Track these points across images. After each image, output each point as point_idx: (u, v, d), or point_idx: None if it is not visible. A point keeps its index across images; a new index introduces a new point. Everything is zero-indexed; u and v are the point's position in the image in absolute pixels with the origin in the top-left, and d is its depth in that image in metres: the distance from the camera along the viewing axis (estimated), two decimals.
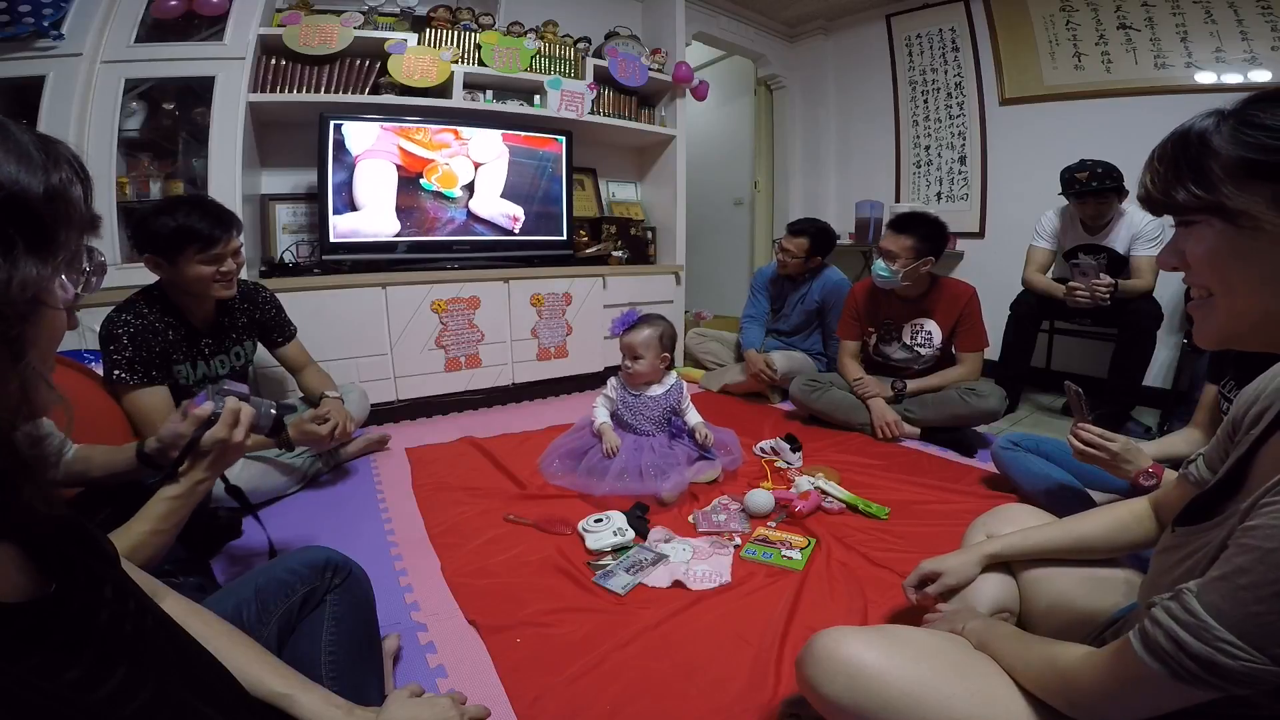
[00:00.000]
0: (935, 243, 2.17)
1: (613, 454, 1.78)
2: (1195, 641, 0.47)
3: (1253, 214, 0.47)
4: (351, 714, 0.65)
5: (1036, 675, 0.65)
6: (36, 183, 0.33)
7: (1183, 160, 0.51)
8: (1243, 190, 0.47)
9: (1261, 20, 2.48)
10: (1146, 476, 1.19)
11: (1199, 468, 0.74)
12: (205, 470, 0.88)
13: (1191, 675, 0.48)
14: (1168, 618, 0.50)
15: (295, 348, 1.92)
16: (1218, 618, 0.46)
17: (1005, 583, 0.97)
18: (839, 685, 0.68)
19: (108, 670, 0.39)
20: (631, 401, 1.90)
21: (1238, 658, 0.45)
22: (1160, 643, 0.50)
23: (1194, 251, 0.53)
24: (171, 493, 0.85)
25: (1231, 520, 0.52)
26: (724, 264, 4.78)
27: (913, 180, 3.79)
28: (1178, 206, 0.52)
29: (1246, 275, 0.50)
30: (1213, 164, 0.49)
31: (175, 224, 1.43)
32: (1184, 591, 0.50)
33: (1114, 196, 2.33)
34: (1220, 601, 0.47)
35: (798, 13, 3.98)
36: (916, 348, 2.31)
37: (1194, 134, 0.50)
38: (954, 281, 2.30)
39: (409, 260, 2.57)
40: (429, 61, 2.50)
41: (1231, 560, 0.47)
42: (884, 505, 1.64)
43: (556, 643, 1.11)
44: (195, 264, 1.47)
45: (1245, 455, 0.61)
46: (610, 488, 1.71)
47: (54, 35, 1.93)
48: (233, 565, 1.36)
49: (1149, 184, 0.55)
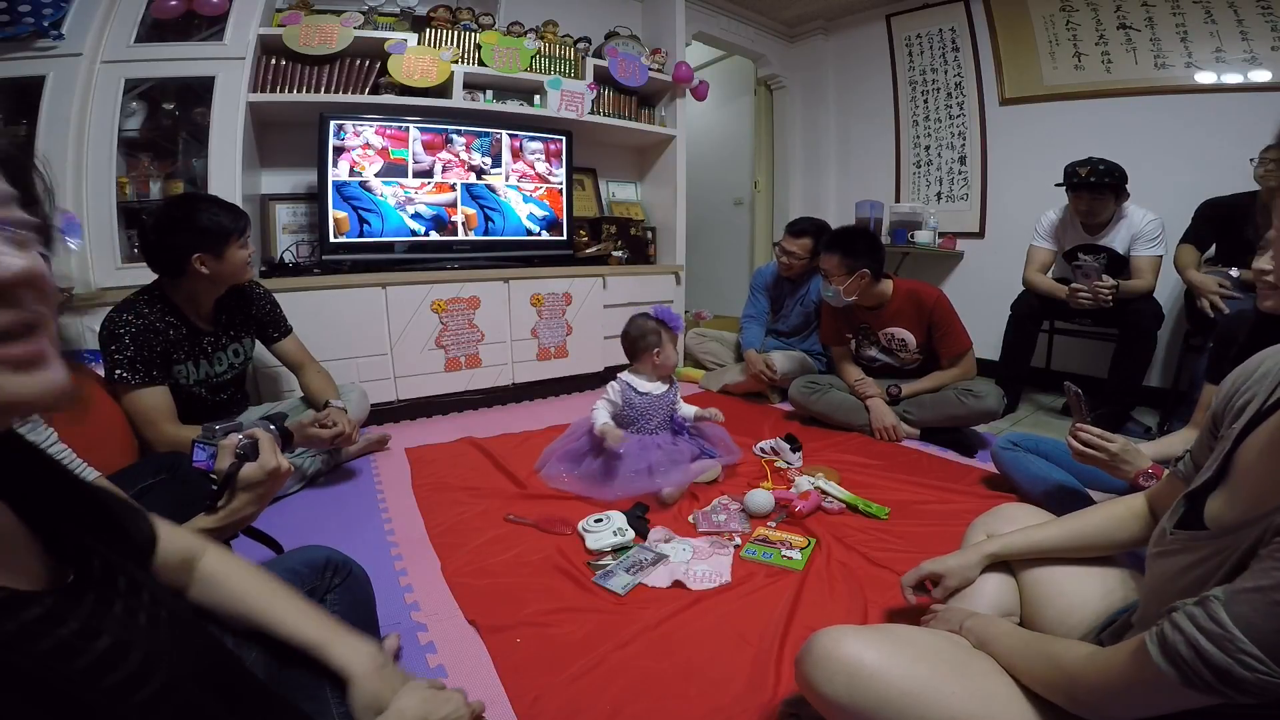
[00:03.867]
0: (866, 256, 2.15)
1: (618, 444, 1.75)
2: (1217, 651, 0.47)
3: None
4: (381, 669, 0.67)
5: (1038, 672, 0.66)
6: None
7: None
8: None
9: (1261, 20, 2.49)
10: (1146, 477, 1.19)
11: (1186, 464, 0.74)
12: (253, 503, 0.84)
13: (1204, 683, 0.47)
14: (1190, 625, 0.49)
15: (293, 343, 1.92)
16: (1246, 630, 0.46)
17: (1005, 582, 0.97)
18: (838, 685, 0.68)
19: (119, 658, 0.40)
20: (638, 401, 1.89)
21: (1256, 670, 0.45)
22: (1179, 649, 0.49)
23: None
24: (204, 524, 0.82)
25: (1252, 530, 0.51)
26: (724, 264, 4.78)
27: (913, 180, 3.79)
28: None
29: None
30: None
31: (216, 221, 1.55)
32: (1211, 600, 0.49)
33: (1110, 195, 2.33)
34: (1251, 614, 0.46)
35: (798, 13, 3.98)
36: (895, 352, 2.31)
37: None
38: (918, 286, 2.24)
39: (409, 260, 2.58)
40: (429, 61, 2.50)
41: (1269, 574, 0.46)
42: (884, 505, 1.64)
43: (556, 643, 1.11)
44: (239, 251, 1.60)
45: (1230, 449, 0.61)
46: (623, 490, 1.70)
47: (54, 35, 1.93)
48: None
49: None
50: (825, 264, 2.20)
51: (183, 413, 1.58)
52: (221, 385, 1.76)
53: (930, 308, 2.18)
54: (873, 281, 2.19)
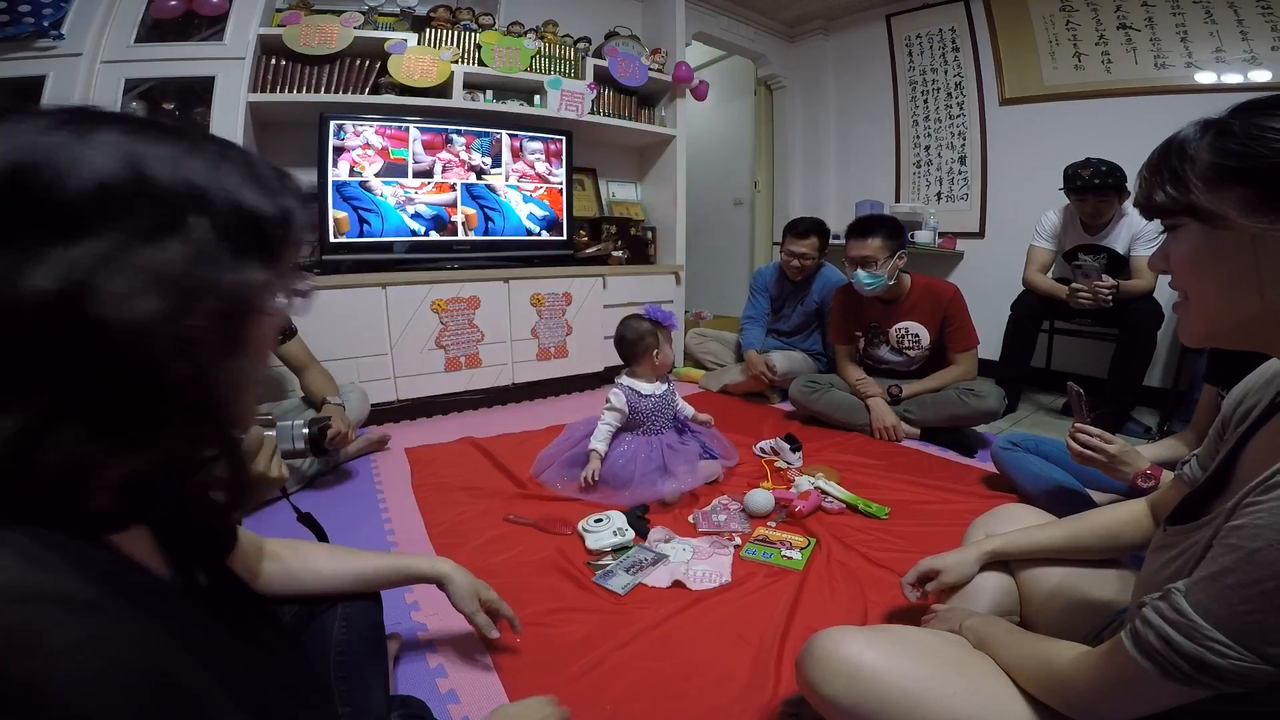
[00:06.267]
0: (900, 237, 2.18)
1: (592, 480, 1.72)
2: (1185, 641, 0.48)
3: (1223, 215, 0.49)
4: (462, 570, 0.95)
5: (1031, 674, 0.66)
6: (270, 206, 0.39)
7: (1164, 166, 0.54)
8: (1213, 193, 0.50)
9: (1261, 20, 2.48)
10: (1144, 478, 1.19)
11: (1192, 468, 0.74)
12: None
13: (1183, 674, 0.48)
14: (1158, 617, 0.50)
15: (297, 345, 1.92)
16: (1206, 617, 0.47)
17: (1004, 582, 0.97)
18: (839, 685, 0.68)
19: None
20: (641, 403, 1.86)
21: (1227, 656, 0.45)
22: (1151, 642, 0.50)
23: (1176, 254, 0.56)
24: None
25: (1218, 519, 0.52)
26: (724, 264, 4.78)
27: (913, 180, 3.79)
28: (1158, 209, 0.55)
29: (1218, 277, 0.52)
30: (1189, 169, 0.51)
31: None
32: (1173, 591, 0.50)
33: (1114, 195, 2.33)
34: (1208, 600, 0.47)
35: (798, 13, 3.98)
36: (905, 350, 2.31)
37: (1176, 142, 0.54)
38: (934, 281, 2.27)
39: (409, 260, 2.57)
40: (429, 61, 2.50)
41: (1217, 560, 0.48)
42: (884, 505, 1.64)
43: (556, 643, 1.11)
44: None
45: (1231, 452, 0.61)
46: (640, 494, 1.68)
47: (54, 35, 1.93)
48: None
49: (1137, 189, 0.58)
50: (864, 250, 2.14)
51: None
52: None
53: (948, 301, 2.20)
54: (903, 272, 2.20)
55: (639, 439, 1.83)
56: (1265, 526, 0.44)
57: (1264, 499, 0.46)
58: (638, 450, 1.78)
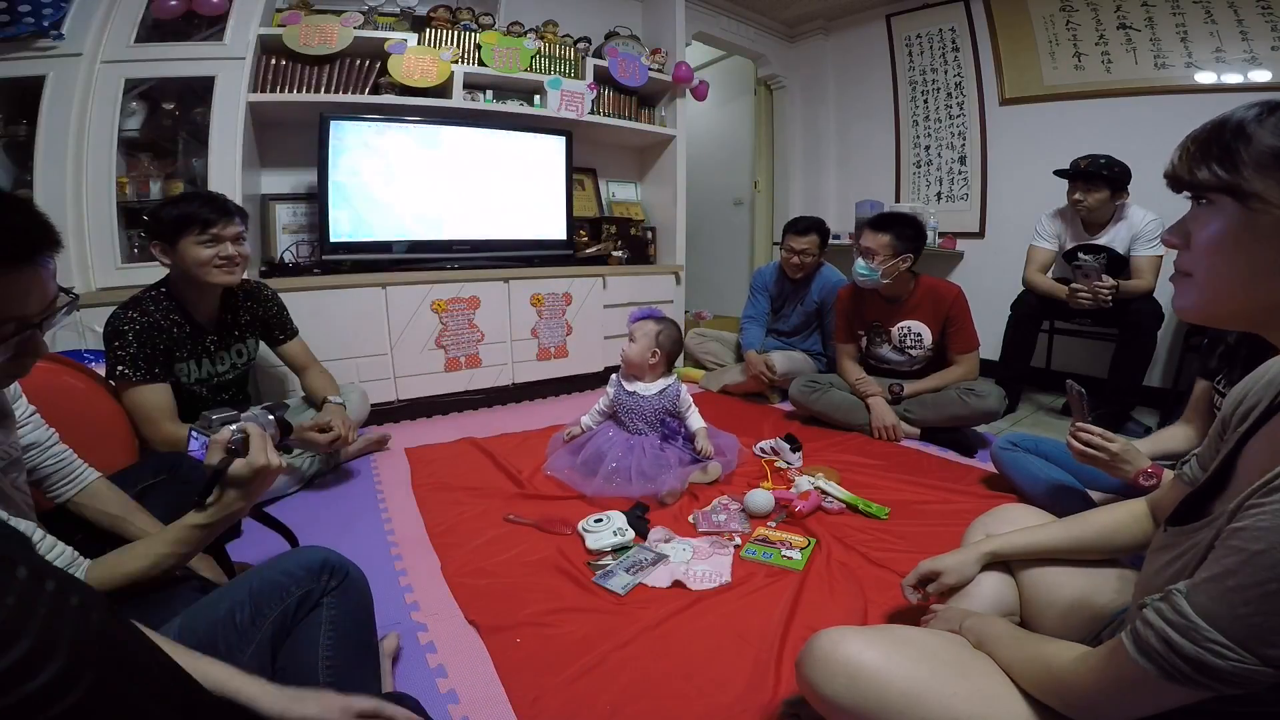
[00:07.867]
0: (914, 242, 2.17)
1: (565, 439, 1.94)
2: (1186, 642, 0.48)
3: (1265, 198, 0.49)
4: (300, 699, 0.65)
5: (1032, 675, 0.66)
6: None
7: (1215, 142, 0.53)
8: (1264, 176, 0.49)
9: (1261, 20, 2.48)
10: (1145, 477, 1.19)
11: (1192, 468, 0.74)
12: (242, 499, 0.84)
13: (1183, 675, 0.48)
14: (1158, 619, 0.50)
15: (298, 346, 1.92)
16: (1207, 619, 0.47)
17: (1004, 582, 0.97)
18: (839, 685, 0.68)
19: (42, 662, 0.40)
20: (624, 399, 1.92)
21: (1227, 658, 0.46)
22: (1152, 643, 0.50)
23: (1199, 232, 0.55)
24: (196, 520, 0.82)
25: (1219, 521, 0.52)
26: (724, 264, 4.78)
27: (913, 180, 3.79)
28: (1197, 184, 0.54)
29: (1242, 261, 0.52)
30: (1243, 149, 0.50)
31: (177, 211, 1.52)
32: (1174, 593, 0.50)
33: (1105, 188, 2.32)
34: (1209, 603, 0.47)
35: (798, 13, 3.98)
36: (907, 349, 2.31)
37: (1233, 121, 0.52)
38: (939, 281, 2.28)
39: (409, 260, 2.58)
40: (429, 61, 2.50)
41: (1219, 562, 0.48)
42: (884, 505, 1.64)
43: (556, 643, 1.11)
44: (194, 247, 1.52)
45: (1231, 452, 0.61)
46: (598, 487, 1.72)
47: (54, 35, 1.93)
48: None
49: (1176, 161, 0.57)
50: (871, 242, 2.15)
51: (183, 412, 1.58)
52: (223, 385, 1.76)
53: (950, 301, 2.20)
54: (908, 272, 2.20)
55: (618, 435, 1.87)
56: (1268, 529, 0.44)
57: (1266, 501, 0.46)
58: (612, 445, 1.82)
